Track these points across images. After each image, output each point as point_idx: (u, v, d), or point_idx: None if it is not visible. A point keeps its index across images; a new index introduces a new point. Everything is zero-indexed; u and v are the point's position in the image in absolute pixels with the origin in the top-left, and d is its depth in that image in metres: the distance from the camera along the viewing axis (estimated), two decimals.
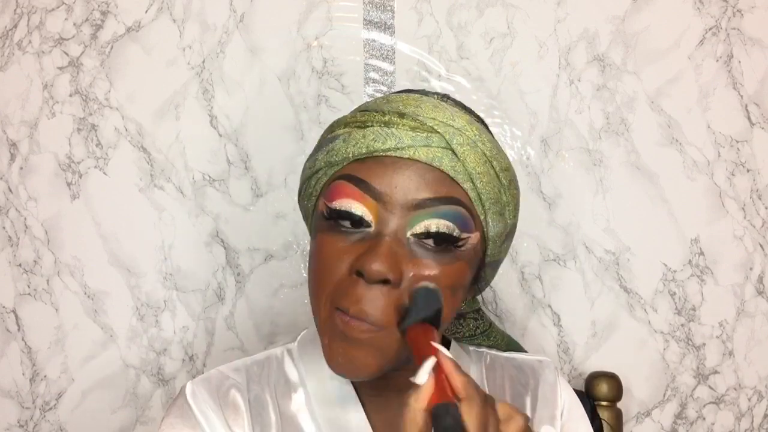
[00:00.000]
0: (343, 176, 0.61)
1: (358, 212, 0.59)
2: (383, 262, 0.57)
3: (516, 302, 1.09)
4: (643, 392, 1.10)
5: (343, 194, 0.60)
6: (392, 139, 0.60)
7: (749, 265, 1.10)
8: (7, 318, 1.07)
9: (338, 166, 0.62)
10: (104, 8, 1.06)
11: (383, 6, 1.07)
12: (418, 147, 0.59)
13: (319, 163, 0.63)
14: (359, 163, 0.60)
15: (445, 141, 0.60)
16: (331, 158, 0.62)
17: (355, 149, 0.61)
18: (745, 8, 1.09)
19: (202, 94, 1.07)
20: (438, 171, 0.60)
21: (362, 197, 0.59)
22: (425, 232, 0.59)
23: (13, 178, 1.07)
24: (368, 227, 0.59)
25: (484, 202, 0.62)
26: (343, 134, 0.63)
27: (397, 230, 0.59)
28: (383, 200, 0.59)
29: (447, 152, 0.60)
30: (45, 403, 1.07)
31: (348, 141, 0.61)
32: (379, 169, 0.59)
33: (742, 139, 1.09)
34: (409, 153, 0.59)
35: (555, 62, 1.08)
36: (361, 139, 0.61)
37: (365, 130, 0.61)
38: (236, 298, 1.07)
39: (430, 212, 0.59)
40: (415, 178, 0.59)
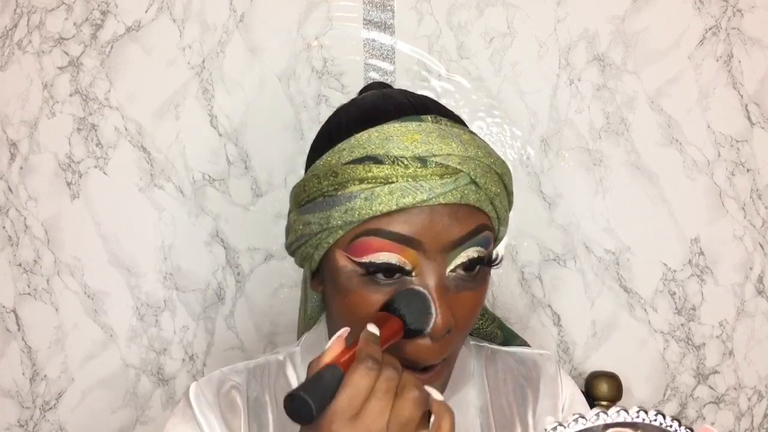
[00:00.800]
0: (370, 232, 0.59)
1: (398, 263, 0.59)
2: (448, 318, 0.59)
3: (516, 302, 1.09)
4: (643, 392, 1.10)
5: (376, 249, 0.59)
6: (422, 192, 0.59)
7: (749, 265, 1.10)
8: (7, 318, 1.07)
9: (355, 224, 0.60)
10: (104, 8, 1.06)
11: (383, 6, 1.07)
12: (448, 193, 0.59)
13: (335, 221, 0.60)
14: (383, 218, 0.59)
15: (470, 178, 0.61)
16: (351, 217, 0.59)
17: (381, 207, 0.59)
18: (745, 8, 1.09)
19: (202, 94, 1.07)
20: (466, 206, 0.61)
21: (399, 249, 0.59)
22: (464, 262, 0.60)
23: (13, 178, 1.07)
24: (408, 275, 0.60)
25: (500, 217, 0.64)
26: (363, 191, 0.59)
27: (439, 273, 0.60)
28: (422, 248, 0.59)
29: (471, 187, 0.61)
30: (45, 402, 1.07)
31: (372, 199, 0.59)
32: (412, 219, 0.59)
33: (742, 139, 1.09)
34: (440, 200, 0.59)
35: (555, 62, 1.08)
36: (387, 195, 0.59)
37: (391, 185, 0.59)
38: (236, 298, 1.08)
39: (466, 246, 0.60)
40: (448, 219, 0.60)
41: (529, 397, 0.73)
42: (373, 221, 0.59)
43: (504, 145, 1.08)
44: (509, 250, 1.08)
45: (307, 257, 0.65)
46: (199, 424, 0.67)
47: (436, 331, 0.58)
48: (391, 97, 0.67)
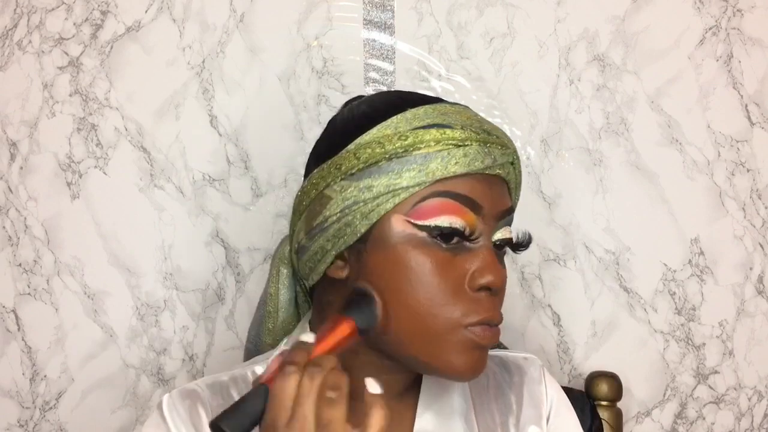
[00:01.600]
0: (440, 193, 0.61)
1: (459, 228, 0.61)
2: (502, 274, 0.62)
3: (516, 302, 1.09)
4: (643, 392, 1.10)
5: (443, 211, 0.61)
6: (489, 157, 0.63)
7: (749, 265, 1.10)
8: (7, 318, 1.07)
9: (426, 184, 0.61)
10: (104, 8, 1.06)
11: (383, 6, 1.07)
12: (504, 164, 0.65)
13: (405, 182, 0.61)
14: (454, 181, 0.62)
15: (513, 155, 0.66)
16: (425, 177, 0.61)
17: (457, 168, 0.61)
18: (745, 8, 1.09)
19: (202, 94, 1.07)
20: (505, 184, 0.66)
21: (463, 212, 0.61)
22: (503, 239, 0.65)
23: (13, 178, 1.07)
24: (465, 239, 0.62)
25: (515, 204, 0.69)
26: (440, 152, 0.61)
27: (489, 239, 0.64)
28: (482, 213, 0.62)
29: (512, 167, 0.66)
30: (45, 403, 1.07)
31: (447, 160, 0.61)
32: (478, 186, 0.62)
33: (742, 139, 1.09)
34: (496, 170, 0.64)
35: (555, 62, 1.08)
36: (462, 157, 0.62)
37: (466, 148, 0.62)
38: (236, 298, 1.08)
39: (504, 222, 0.65)
40: (499, 190, 0.65)
41: (513, 405, 0.72)
42: (442, 183, 0.62)
43: None
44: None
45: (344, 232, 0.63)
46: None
47: (497, 282, 0.61)
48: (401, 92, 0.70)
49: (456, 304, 0.61)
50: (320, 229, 0.64)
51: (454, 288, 0.61)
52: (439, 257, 0.61)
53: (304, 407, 0.51)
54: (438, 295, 0.61)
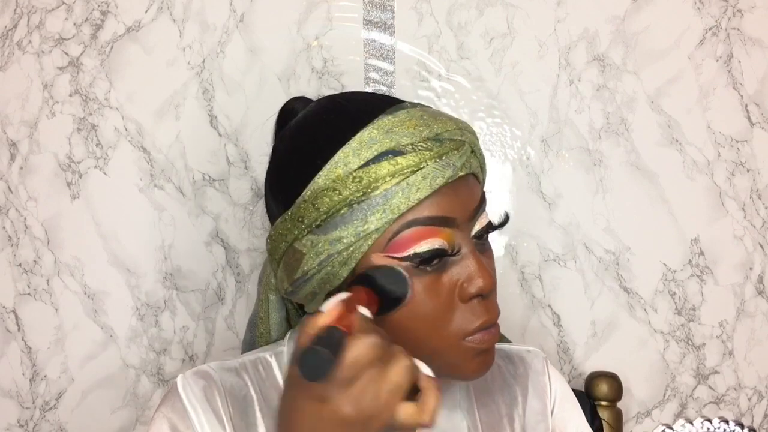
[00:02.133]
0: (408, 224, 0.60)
1: (441, 246, 0.61)
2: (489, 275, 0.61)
3: (516, 302, 1.09)
4: (643, 392, 1.10)
5: (418, 239, 0.60)
6: (449, 169, 0.61)
7: (749, 265, 1.10)
8: (7, 318, 1.07)
9: (395, 220, 0.60)
10: (104, 8, 1.06)
11: (383, 6, 1.07)
12: (464, 165, 0.63)
13: (373, 225, 0.60)
14: (421, 206, 0.60)
15: (471, 148, 0.64)
16: (391, 215, 0.60)
17: (418, 194, 0.60)
18: (745, 8, 1.09)
19: (202, 94, 1.07)
20: (473, 175, 0.65)
21: (438, 232, 0.60)
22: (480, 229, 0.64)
23: (13, 178, 1.07)
24: (448, 256, 0.61)
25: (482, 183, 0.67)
26: (398, 185, 0.60)
27: (469, 243, 0.62)
28: (455, 224, 0.61)
29: (473, 156, 0.65)
30: (45, 403, 1.07)
31: (408, 190, 0.60)
32: (444, 199, 0.61)
33: (742, 139, 1.09)
34: (460, 173, 0.62)
35: (555, 62, 1.08)
36: (422, 181, 0.60)
37: (422, 171, 0.60)
38: (236, 298, 1.08)
39: (479, 214, 0.64)
40: (466, 191, 0.63)
41: (518, 397, 0.73)
42: (407, 214, 0.60)
43: (504, 145, 1.08)
44: (509, 250, 1.08)
45: (328, 279, 0.63)
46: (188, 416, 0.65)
47: (487, 287, 0.61)
48: (348, 100, 0.67)
49: (452, 320, 0.61)
50: (303, 280, 0.64)
51: (447, 306, 0.61)
52: (426, 282, 0.60)
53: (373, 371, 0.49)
54: (433, 318, 0.61)
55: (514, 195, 1.07)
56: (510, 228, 1.08)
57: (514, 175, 1.08)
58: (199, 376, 0.68)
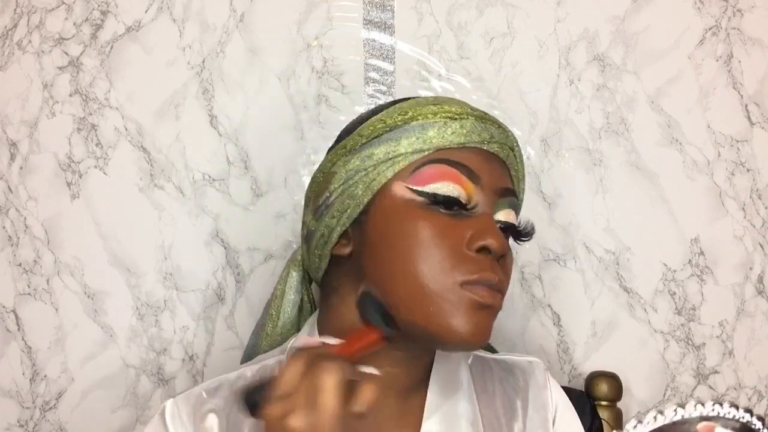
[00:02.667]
0: (438, 160, 0.64)
1: (457, 194, 0.63)
2: (503, 239, 0.63)
3: (516, 302, 1.09)
4: (643, 392, 1.10)
5: (441, 177, 0.63)
6: (486, 132, 0.65)
7: (749, 265, 1.10)
8: (7, 318, 1.07)
9: (427, 152, 0.64)
10: (104, 8, 1.06)
11: (383, 6, 1.07)
12: (501, 143, 0.67)
13: (404, 149, 0.64)
14: (452, 150, 0.64)
15: (513, 142, 0.69)
16: (423, 144, 0.64)
17: (453, 137, 0.64)
18: (745, 8, 1.09)
19: (202, 94, 1.07)
20: (507, 168, 0.68)
21: (460, 179, 0.63)
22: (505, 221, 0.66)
23: (13, 178, 1.07)
24: (463, 208, 0.63)
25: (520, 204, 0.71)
26: (435, 122, 0.65)
27: (489, 207, 0.65)
28: (480, 183, 0.64)
29: (512, 153, 0.69)
30: (45, 403, 1.07)
31: (444, 129, 0.64)
32: (476, 157, 0.64)
33: (742, 139, 1.09)
34: (494, 147, 0.66)
35: (555, 62, 1.08)
36: (460, 129, 0.64)
37: (462, 121, 0.65)
38: (236, 298, 1.08)
39: (508, 201, 0.66)
40: (499, 168, 0.66)
41: (519, 409, 0.72)
42: (441, 152, 0.64)
43: None
44: None
45: (348, 205, 0.66)
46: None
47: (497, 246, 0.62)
48: None
49: (454, 265, 0.61)
50: (325, 206, 0.67)
51: (453, 250, 0.62)
52: (438, 222, 0.62)
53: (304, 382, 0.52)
54: (436, 258, 0.61)
55: None
56: None
57: None
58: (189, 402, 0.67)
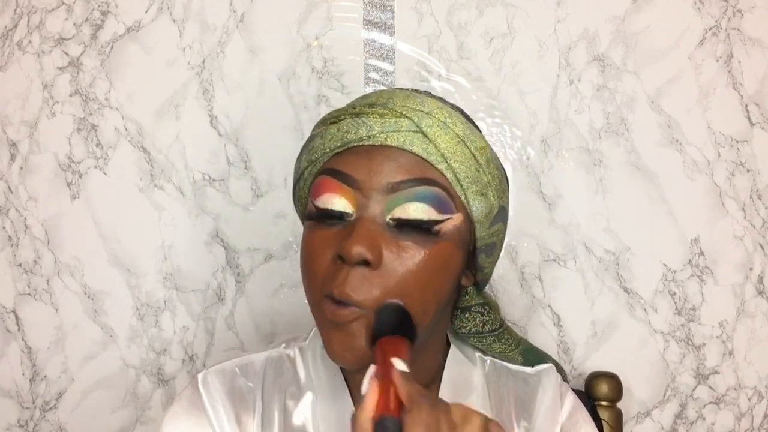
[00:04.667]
0: (322, 171, 0.64)
1: (338, 207, 0.61)
2: (362, 243, 0.58)
3: (516, 302, 1.09)
4: (643, 392, 1.10)
5: (325, 189, 0.62)
6: (363, 128, 0.62)
7: (749, 265, 1.10)
8: (7, 318, 1.07)
9: (319, 164, 0.65)
10: (104, 8, 1.06)
11: (383, 6, 1.07)
12: (388, 133, 0.61)
13: (303, 164, 0.66)
14: (337, 156, 0.63)
15: (414, 124, 0.61)
16: (312, 156, 0.65)
17: (331, 143, 0.63)
18: (745, 8, 1.09)
19: (202, 94, 1.07)
20: (410, 154, 0.61)
21: (341, 188, 0.61)
22: (404, 218, 0.60)
23: (13, 178, 1.07)
24: (350, 216, 0.61)
25: (461, 182, 0.62)
26: (320, 132, 0.65)
27: (376, 215, 0.60)
28: (360, 187, 0.60)
29: (417, 135, 0.61)
30: (45, 403, 1.07)
31: (324, 137, 0.64)
32: (354, 159, 0.61)
33: (742, 139, 1.09)
34: (380, 139, 0.61)
35: (555, 62, 1.08)
36: (336, 132, 0.63)
37: (339, 123, 0.63)
38: (236, 298, 1.08)
39: (407, 195, 0.60)
40: (389, 162, 0.60)
41: (529, 409, 0.71)
42: (327, 163, 0.64)
43: (504, 145, 1.08)
44: (509, 250, 1.08)
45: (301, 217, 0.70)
46: (206, 415, 0.66)
47: (348, 252, 0.57)
48: None
49: (320, 279, 0.60)
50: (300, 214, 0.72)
51: (322, 266, 0.61)
52: (318, 237, 0.62)
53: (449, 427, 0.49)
54: (309, 277, 0.62)
55: (514, 195, 1.07)
56: (510, 228, 1.08)
57: (514, 175, 1.08)
58: (224, 376, 0.68)
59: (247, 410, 0.67)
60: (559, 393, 0.73)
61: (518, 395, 0.72)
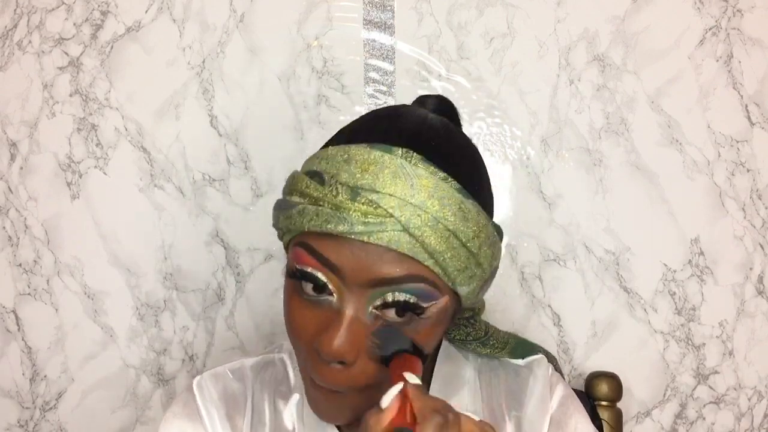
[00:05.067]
0: (302, 244, 0.59)
1: (322, 280, 0.58)
2: (340, 343, 0.56)
3: (516, 302, 1.09)
4: (643, 392, 1.10)
5: (306, 263, 0.58)
6: (344, 224, 0.56)
7: (749, 265, 1.10)
8: (7, 318, 1.07)
9: (297, 232, 0.60)
10: (104, 8, 1.06)
11: (383, 6, 1.07)
12: (371, 233, 0.56)
13: (282, 223, 0.62)
14: (317, 235, 0.58)
15: (401, 225, 0.56)
16: (289, 225, 0.60)
17: (309, 224, 0.58)
18: (745, 8, 1.09)
19: (202, 94, 1.07)
20: (395, 252, 0.57)
21: (322, 269, 0.58)
22: (387, 302, 0.57)
23: (13, 178, 1.07)
24: (330, 296, 0.58)
25: (449, 274, 0.59)
26: (299, 205, 0.59)
27: (357, 308, 0.58)
28: (341, 275, 0.57)
29: (404, 234, 0.56)
30: (45, 403, 1.07)
31: (303, 215, 0.58)
32: (335, 246, 0.57)
33: (742, 139, 1.09)
34: (363, 238, 0.56)
35: (555, 62, 1.08)
36: (315, 217, 0.57)
37: (319, 208, 0.57)
38: (236, 298, 1.08)
39: (392, 288, 0.57)
40: (371, 258, 0.56)
41: (519, 399, 0.72)
42: (305, 236, 0.59)
43: (504, 145, 1.08)
44: (509, 250, 1.08)
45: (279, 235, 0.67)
46: (201, 417, 0.68)
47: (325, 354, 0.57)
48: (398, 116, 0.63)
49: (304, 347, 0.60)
50: None
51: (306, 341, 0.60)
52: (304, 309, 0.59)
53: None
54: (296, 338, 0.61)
55: (514, 195, 1.08)
56: (510, 228, 1.08)
57: (514, 175, 1.08)
58: (217, 380, 0.70)
59: (239, 412, 0.69)
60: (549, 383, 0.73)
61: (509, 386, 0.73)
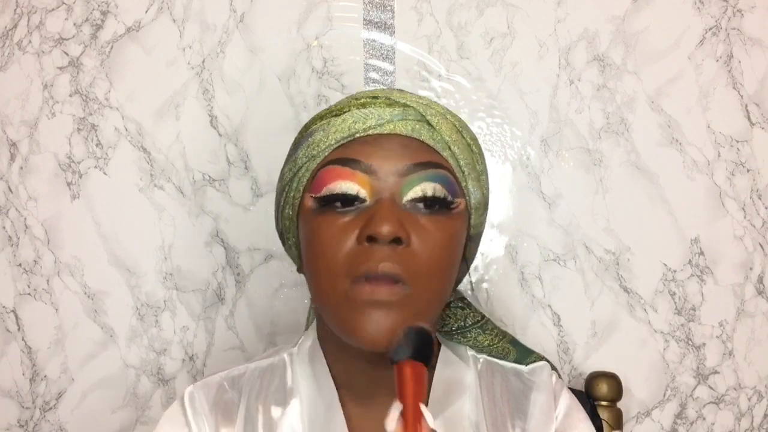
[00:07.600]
0: (328, 162, 0.63)
1: (352, 191, 0.62)
2: (392, 222, 0.59)
3: (516, 302, 1.09)
4: (643, 392, 1.10)
5: (334, 177, 0.62)
6: (372, 117, 0.63)
7: (749, 265, 1.10)
8: (7, 318, 1.07)
9: (320, 158, 0.64)
10: (104, 8, 1.06)
11: (383, 6, 1.07)
12: (396, 121, 0.63)
13: (300, 161, 0.65)
14: (342, 147, 0.63)
15: (420, 114, 0.64)
16: (313, 151, 0.64)
17: (337, 135, 0.63)
18: (745, 8, 1.09)
19: (202, 94, 1.07)
20: (418, 141, 0.64)
21: (353, 175, 0.62)
22: (421, 196, 0.62)
23: (13, 178, 1.07)
24: (363, 202, 0.62)
25: (462, 168, 0.65)
26: (321, 126, 0.65)
27: (393, 196, 0.61)
28: (374, 171, 0.62)
29: (423, 124, 0.64)
30: (45, 403, 1.07)
31: (328, 130, 0.64)
32: (363, 147, 0.62)
33: (742, 139, 1.09)
34: (389, 128, 0.63)
35: (555, 62, 1.08)
36: (341, 124, 0.63)
37: (344, 115, 0.64)
38: (236, 298, 1.08)
39: (421, 176, 0.62)
40: (400, 148, 0.63)
41: (523, 409, 0.71)
42: (331, 154, 0.63)
43: (504, 145, 1.08)
44: (509, 250, 1.08)
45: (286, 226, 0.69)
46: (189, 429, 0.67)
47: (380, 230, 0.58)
48: None
49: (346, 264, 0.60)
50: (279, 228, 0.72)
51: (345, 249, 0.60)
52: (336, 223, 0.61)
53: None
54: (330, 261, 0.61)
55: (514, 195, 1.08)
56: (510, 228, 1.08)
57: (514, 175, 1.08)
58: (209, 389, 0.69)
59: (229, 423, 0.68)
60: (553, 392, 0.72)
61: (512, 394, 0.72)
